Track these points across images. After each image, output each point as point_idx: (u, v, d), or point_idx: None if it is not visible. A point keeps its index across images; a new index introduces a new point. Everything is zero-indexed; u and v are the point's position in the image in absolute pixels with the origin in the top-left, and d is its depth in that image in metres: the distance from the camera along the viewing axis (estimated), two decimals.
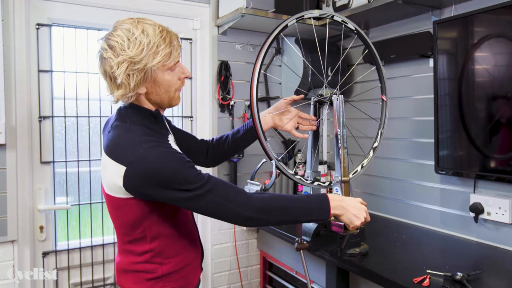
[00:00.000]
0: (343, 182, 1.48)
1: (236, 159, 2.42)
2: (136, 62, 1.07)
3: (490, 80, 1.72)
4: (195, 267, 1.33)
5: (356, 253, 1.56)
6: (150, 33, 1.08)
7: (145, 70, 1.09)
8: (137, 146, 1.07)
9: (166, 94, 1.17)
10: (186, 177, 1.07)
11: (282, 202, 1.17)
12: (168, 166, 1.05)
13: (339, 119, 1.47)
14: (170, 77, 1.15)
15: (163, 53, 1.09)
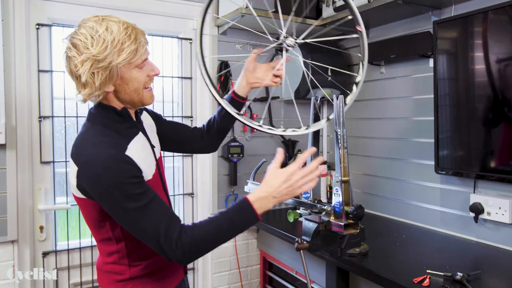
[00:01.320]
0: (343, 182, 1.47)
1: (236, 159, 2.42)
2: (100, 60, 1.04)
3: (490, 80, 1.72)
4: (172, 272, 1.27)
5: (356, 253, 1.56)
6: (115, 30, 1.05)
7: (110, 68, 1.05)
8: (89, 147, 1.07)
9: (135, 92, 1.14)
10: (125, 191, 1.03)
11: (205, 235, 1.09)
12: (110, 176, 1.02)
13: (339, 119, 1.46)
14: (138, 75, 1.12)
15: (128, 50, 1.06)
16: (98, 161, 1.03)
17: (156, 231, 1.04)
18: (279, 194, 1.14)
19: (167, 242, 1.04)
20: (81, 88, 1.10)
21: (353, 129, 2.51)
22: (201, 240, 1.07)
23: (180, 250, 1.04)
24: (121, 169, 1.04)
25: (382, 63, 2.31)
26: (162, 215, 1.06)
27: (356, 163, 2.47)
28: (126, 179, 1.03)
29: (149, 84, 1.17)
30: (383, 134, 2.33)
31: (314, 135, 1.64)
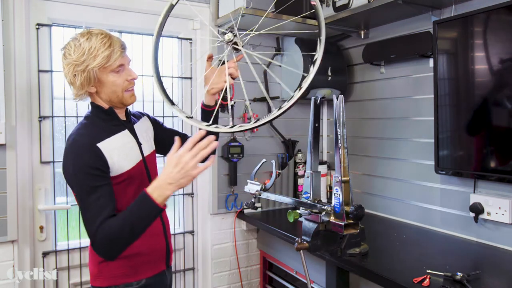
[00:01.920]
0: (343, 182, 1.47)
1: (236, 159, 2.42)
2: (78, 65, 1.26)
3: (490, 80, 1.73)
4: (150, 261, 1.39)
5: (356, 253, 1.56)
6: (93, 40, 1.26)
7: (87, 71, 1.26)
8: (70, 140, 1.29)
9: (114, 94, 1.33)
10: (79, 180, 1.22)
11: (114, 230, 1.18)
12: (75, 163, 1.23)
13: (339, 119, 1.46)
14: (114, 79, 1.31)
15: (102, 55, 1.25)
16: (71, 149, 1.26)
17: (90, 226, 1.19)
18: (173, 179, 1.16)
19: (92, 239, 1.19)
20: (69, 88, 1.33)
21: (353, 129, 2.51)
22: (111, 236, 1.17)
23: (99, 248, 1.19)
24: (85, 158, 1.23)
25: (382, 63, 2.31)
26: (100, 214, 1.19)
27: (356, 163, 2.47)
28: (86, 169, 1.22)
29: (129, 87, 1.35)
30: (383, 134, 2.33)
31: (314, 135, 1.64)
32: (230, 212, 2.47)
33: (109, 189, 1.25)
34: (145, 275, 1.39)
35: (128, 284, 1.36)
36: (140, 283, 1.37)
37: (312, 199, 1.62)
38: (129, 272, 1.36)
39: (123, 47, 1.32)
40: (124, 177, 1.32)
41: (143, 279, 1.38)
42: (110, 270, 1.34)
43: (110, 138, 1.31)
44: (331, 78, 2.44)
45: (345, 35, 2.53)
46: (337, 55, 2.52)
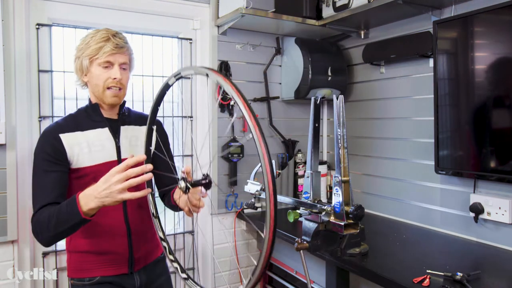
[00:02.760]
0: (343, 182, 1.47)
1: (236, 159, 2.42)
2: (77, 51, 1.39)
3: (490, 80, 1.72)
4: (105, 260, 1.39)
5: (356, 253, 1.56)
6: (97, 34, 1.36)
7: (80, 58, 1.37)
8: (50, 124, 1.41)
9: (96, 88, 1.39)
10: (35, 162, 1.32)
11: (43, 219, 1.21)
12: (37, 146, 1.34)
13: (339, 119, 1.46)
14: (99, 72, 1.36)
15: (94, 47, 1.34)
16: (40, 135, 1.38)
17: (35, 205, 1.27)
18: (99, 194, 1.11)
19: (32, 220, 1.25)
20: None
21: (353, 129, 2.51)
22: (39, 224, 1.22)
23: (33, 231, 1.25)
24: (43, 143, 1.33)
25: (382, 63, 2.31)
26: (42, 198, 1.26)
27: (356, 163, 2.47)
28: (41, 153, 1.31)
29: (111, 85, 1.38)
30: (383, 134, 2.33)
31: (314, 135, 1.64)
32: (230, 212, 2.47)
33: (59, 176, 1.30)
34: (99, 273, 1.39)
35: (81, 279, 1.40)
36: (92, 280, 1.39)
37: (312, 199, 1.62)
38: (83, 268, 1.39)
39: (119, 47, 1.36)
40: (84, 172, 1.35)
41: (97, 277, 1.39)
42: (70, 263, 1.43)
43: (80, 132, 1.38)
44: (331, 78, 2.44)
45: (345, 35, 2.53)
46: (337, 55, 2.52)
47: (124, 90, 1.43)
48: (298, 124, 2.70)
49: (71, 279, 1.42)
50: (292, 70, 2.48)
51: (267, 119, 2.58)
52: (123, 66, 1.40)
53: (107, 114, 1.44)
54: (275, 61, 2.59)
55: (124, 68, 1.41)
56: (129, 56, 1.43)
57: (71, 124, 1.38)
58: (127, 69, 1.42)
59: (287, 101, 2.63)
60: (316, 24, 2.35)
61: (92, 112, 1.42)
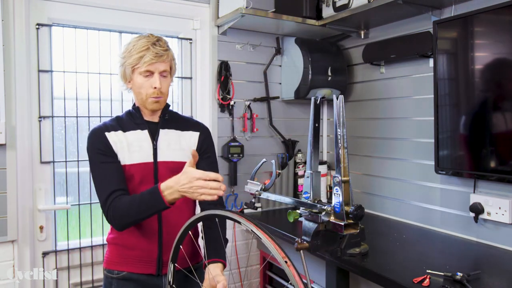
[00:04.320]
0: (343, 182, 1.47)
1: (236, 159, 2.42)
2: (121, 59, 1.44)
3: (490, 80, 1.72)
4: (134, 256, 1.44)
5: (356, 253, 1.56)
6: (139, 42, 1.40)
7: (124, 66, 1.43)
8: None
9: (139, 95, 1.44)
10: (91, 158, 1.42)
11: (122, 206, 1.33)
12: (88, 143, 1.43)
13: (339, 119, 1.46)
14: (141, 81, 1.41)
15: (135, 56, 1.39)
16: (89, 134, 1.46)
17: (100, 197, 1.37)
18: (182, 189, 1.25)
19: (105, 207, 1.35)
20: None
21: (353, 129, 2.51)
22: (119, 210, 1.32)
23: (109, 217, 1.35)
24: (94, 141, 1.42)
25: (382, 63, 2.31)
26: (110, 185, 1.36)
27: (356, 163, 2.47)
28: (94, 149, 1.41)
29: (153, 95, 1.42)
30: (383, 134, 2.33)
31: (314, 135, 1.64)
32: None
33: (115, 165, 1.40)
34: (127, 268, 1.43)
35: (110, 271, 1.46)
36: (120, 274, 1.43)
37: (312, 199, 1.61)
38: (114, 260, 1.45)
39: (159, 56, 1.40)
40: (124, 169, 1.42)
41: (125, 271, 1.43)
42: (106, 253, 1.50)
43: (122, 132, 1.45)
44: (331, 78, 2.44)
45: (345, 35, 2.53)
46: (337, 55, 2.52)
47: (165, 97, 1.47)
48: (298, 124, 2.70)
49: (104, 269, 1.48)
50: (292, 70, 2.48)
51: (267, 119, 2.58)
52: (163, 74, 1.43)
53: (148, 117, 1.50)
54: (275, 61, 2.59)
55: (165, 76, 1.44)
56: (170, 62, 1.46)
57: (115, 125, 1.46)
58: (167, 76, 1.46)
59: (287, 101, 2.63)
60: (316, 24, 2.35)
61: (135, 115, 1.48)
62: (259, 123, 2.54)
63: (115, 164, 1.40)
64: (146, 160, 1.44)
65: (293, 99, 2.51)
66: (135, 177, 1.42)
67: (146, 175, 1.43)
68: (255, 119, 2.50)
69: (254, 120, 2.50)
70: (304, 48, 2.42)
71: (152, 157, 1.44)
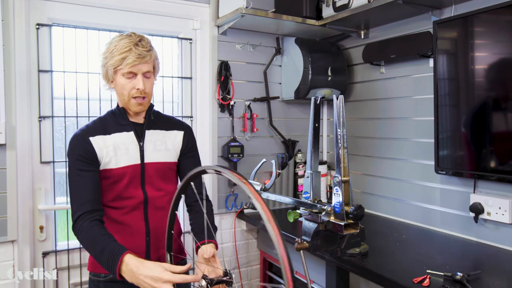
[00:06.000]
0: (343, 182, 1.47)
1: (236, 159, 2.42)
2: (103, 59, 1.41)
3: (490, 80, 1.72)
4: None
5: (356, 253, 1.56)
6: (121, 42, 1.37)
7: (106, 67, 1.39)
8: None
9: (121, 96, 1.42)
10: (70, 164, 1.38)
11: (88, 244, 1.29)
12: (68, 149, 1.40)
13: (339, 119, 1.46)
14: (124, 82, 1.39)
15: (117, 58, 1.35)
16: (71, 139, 1.41)
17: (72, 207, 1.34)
18: (137, 281, 1.13)
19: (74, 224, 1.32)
20: None
21: (353, 129, 2.51)
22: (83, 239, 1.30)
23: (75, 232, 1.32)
24: (75, 146, 1.38)
25: (382, 63, 2.31)
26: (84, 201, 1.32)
27: (356, 163, 2.47)
28: (74, 155, 1.37)
29: (136, 95, 1.41)
30: (383, 134, 2.33)
31: (314, 135, 1.64)
32: (230, 212, 2.47)
33: (93, 176, 1.37)
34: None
35: (97, 274, 1.44)
36: (107, 276, 1.42)
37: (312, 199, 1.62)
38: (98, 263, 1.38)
39: (141, 57, 1.36)
40: (110, 174, 1.40)
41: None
42: (90, 257, 1.45)
43: (107, 136, 1.42)
44: (331, 78, 2.44)
45: (345, 35, 2.53)
46: (337, 55, 2.52)
47: (148, 98, 1.45)
48: (298, 124, 2.70)
49: (89, 273, 1.47)
50: (292, 70, 2.48)
51: (267, 119, 2.58)
52: (146, 75, 1.41)
53: (133, 118, 1.47)
54: (275, 61, 2.59)
55: (148, 76, 1.42)
56: (153, 62, 1.43)
57: (99, 127, 1.43)
58: (150, 77, 1.43)
59: (287, 101, 2.63)
60: (316, 24, 2.35)
61: (119, 116, 1.46)
62: (259, 123, 2.54)
63: (93, 174, 1.37)
64: (133, 162, 1.43)
65: (293, 99, 2.51)
66: (122, 180, 1.41)
67: (134, 177, 1.43)
68: (255, 119, 2.50)
69: (254, 120, 2.50)
70: (304, 48, 2.42)
71: (139, 159, 1.44)
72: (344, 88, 2.50)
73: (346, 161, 1.49)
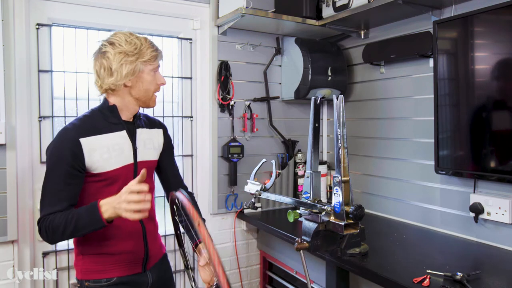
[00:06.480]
0: (343, 182, 1.47)
1: (236, 159, 2.42)
2: (129, 55, 1.33)
3: (490, 80, 1.73)
4: (121, 261, 1.41)
5: (356, 253, 1.56)
6: (142, 40, 1.37)
7: (136, 63, 1.34)
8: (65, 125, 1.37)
9: (146, 92, 1.40)
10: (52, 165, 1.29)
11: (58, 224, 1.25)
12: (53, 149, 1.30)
13: (339, 119, 1.46)
14: (151, 78, 1.39)
15: (151, 54, 1.36)
16: (58, 136, 1.33)
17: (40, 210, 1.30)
18: (118, 205, 1.19)
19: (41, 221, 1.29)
20: (108, 77, 1.33)
21: (353, 129, 2.51)
22: (50, 230, 1.26)
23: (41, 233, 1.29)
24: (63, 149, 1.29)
25: (382, 63, 2.31)
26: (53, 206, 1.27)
27: (356, 163, 2.47)
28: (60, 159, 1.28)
29: (158, 91, 1.44)
30: (383, 134, 2.33)
31: (314, 135, 1.64)
32: (230, 212, 2.47)
33: (74, 189, 1.30)
34: (116, 274, 1.40)
35: (97, 280, 1.40)
36: (109, 281, 1.40)
37: (312, 199, 1.62)
38: (99, 269, 1.39)
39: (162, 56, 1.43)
40: (105, 177, 1.35)
41: (114, 277, 1.40)
42: (83, 265, 1.40)
43: (99, 136, 1.35)
44: (331, 78, 2.44)
45: (345, 35, 2.53)
46: (337, 55, 2.52)
47: None
48: (298, 124, 2.70)
49: (85, 281, 1.40)
50: (292, 70, 2.48)
51: (267, 119, 2.58)
52: None
53: (124, 117, 1.42)
54: (275, 61, 2.59)
55: None
56: None
57: (89, 126, 1.34)
58: None
59: (287, 101, 2.63)
60: (316, 24, 2.35)
61: (110, 114, 1.39)
62: (259, 123, 2.54)
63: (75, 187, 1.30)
64: (127, 163, 1.40)
65: (293, 99, 2.51)
66: (117, 182, 1.36)
67: (128, 178, 1.36)
68: (255, 119, 2.50)
69: (254, 120, 2.50)
70: (304, 48, 2.42)
71: (132, 158, 1.42)
72: (344, 88, 2.50)
73: (346, 161, 1.49)
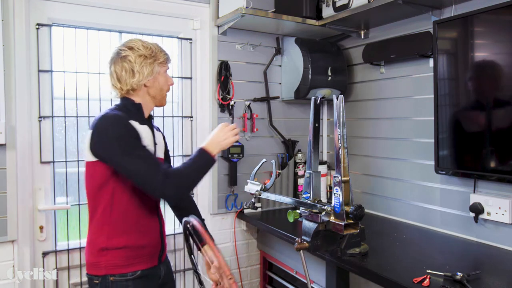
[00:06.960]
0: (343, 182, 1.47)
1: (236, 159, 2.42)
2: (148, 57, 1.46)
3: (490, 80, 1.73)
4: (145, 254, 1.48)
5: (356, 253, 1.56)
6: (155, 45, 1.51)
7: (153, 64, 1.47)
8: (102, 116, 1.40)
9: (160, 91, 1.53)
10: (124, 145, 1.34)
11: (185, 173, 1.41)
12: (114, 130, 1.35)
13: (339, 119, 1.46)
14: (164, 78, 1.53)
15: (163, 57, 1.51)
16: (108, 120, 1.38)
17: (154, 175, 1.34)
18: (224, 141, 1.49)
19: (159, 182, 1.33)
20: (130, 78, 1.45)
21: (353, 129, 2.51)
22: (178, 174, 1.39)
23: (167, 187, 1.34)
24: (124, 127, 1.37)
25: (382, 63, 2.31)
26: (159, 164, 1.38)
27: (356, 163, 2.47)
28: (127, 134, 1.36)
29: (168, 91, 1.57)
30: (383, 134, 2.33)
31: (314, 135, 1.64)
32: (230, 212, 2.47)
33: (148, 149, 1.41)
34: (140, 267, 1.46)
35: (123, 274, 1.44)
36: (135, 274, 1.45)
37: (312, 199, 1.62)
38: (125, 263, 1.44)
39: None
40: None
41: (138, 270, 1.46)
42: (108, 260, 1.43)
43: (140, 125, 1.44)
44: (331, 78, 2.44)
45: (345, 35, 2.53)
46: (337, 55, 2.52)
47: None
48: (298, 124, 2.70)
49: (110, 276, 1.44)
50: (292, 70, 2.48)
51: (267, 119, 2.58)
52: None
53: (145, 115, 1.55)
54: (275, 61, 2.59)
55: None
56: None
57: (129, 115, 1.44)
58: None
59: (287, 101, 2.63)
60: (316, 24, 2.35)
61: (137, 111, 1.49)
62: (259, 123, 2.54)
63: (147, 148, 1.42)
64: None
65: (293, 99, 2.51)
66: None
67: None
68: (255, 119, 2.51)
69: (254, 120, 2.50)
70: (304, 48, 2.41)
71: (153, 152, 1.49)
72: (344, 88, 2.50)
73: (346, 161, 1.49)
